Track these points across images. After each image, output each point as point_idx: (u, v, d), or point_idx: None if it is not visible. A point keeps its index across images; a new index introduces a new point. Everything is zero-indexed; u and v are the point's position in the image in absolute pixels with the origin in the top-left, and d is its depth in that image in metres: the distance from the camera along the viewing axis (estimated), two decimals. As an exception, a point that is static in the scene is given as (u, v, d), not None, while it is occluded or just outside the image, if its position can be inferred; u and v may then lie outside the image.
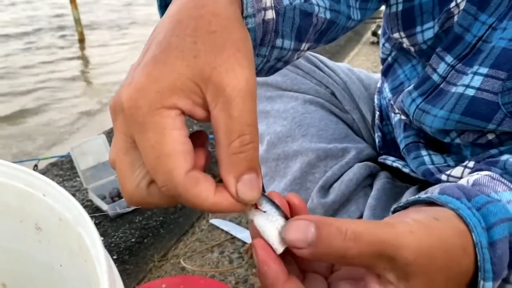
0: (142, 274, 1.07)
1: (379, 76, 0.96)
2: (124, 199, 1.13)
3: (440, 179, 0.67)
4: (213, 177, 0.33)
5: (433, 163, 0.71)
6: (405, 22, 0.67)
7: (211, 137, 0.34)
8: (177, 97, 0.31)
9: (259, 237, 0.34)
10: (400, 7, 0.66)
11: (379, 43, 0.87)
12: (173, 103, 0.31)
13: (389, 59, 0.80)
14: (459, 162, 0.66)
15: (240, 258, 1.09)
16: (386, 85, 0.79)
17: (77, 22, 6.91)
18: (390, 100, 0.79)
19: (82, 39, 7.00)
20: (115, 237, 1.18)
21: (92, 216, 1.26)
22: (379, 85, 0.94)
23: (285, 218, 0.34)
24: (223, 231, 1.20)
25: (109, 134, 1.77)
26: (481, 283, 0.35)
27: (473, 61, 0.58)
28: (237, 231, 1.17)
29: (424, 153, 0.73)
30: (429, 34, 0.64)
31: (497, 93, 0.54)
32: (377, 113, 0.90)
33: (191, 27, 0.34)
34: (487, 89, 0.55)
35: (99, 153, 1.28)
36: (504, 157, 0.54)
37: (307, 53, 0.99)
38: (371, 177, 0.83)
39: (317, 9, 0.57)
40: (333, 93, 0.95)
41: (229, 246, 1.14)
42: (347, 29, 0.65)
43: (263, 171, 0.95)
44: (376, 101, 0.92)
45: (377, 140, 0.90)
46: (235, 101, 0.31)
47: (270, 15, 0.49)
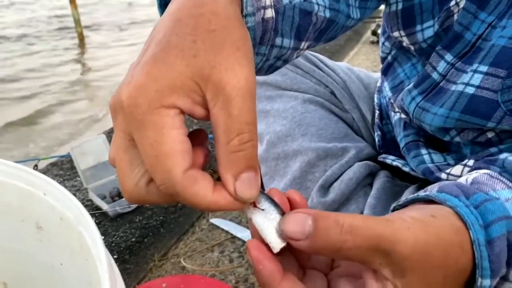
0: (142, 273, 1.07)
1: (378, 75, 0.96)
2: (124, 197, 1.13)
3: (440, 178, 0.67)
4: (214, 173, 0.33)
5: (433, 161, 0.71)
6: (405, 20, 0.67)
7: (211, 136, 0.35)
8: (177, 96, 0.31)
9: (257, 235, 0.34)
10: (400, 6, 0.66)
11: (379, 42, 0.87)
12: (172, 102, 0.31)
13: (389, 57, 0.80)
14: (458, 160, 0.66)
15: (240, 257, 1.09)
16: (386, 84, 0.79)
17: (77, 22, 6.91)
18: (390, 99, 0.79)
19: (82, 40, 7.00)
20: (116, 236, 1.18)
21: (92, 215, 1.26)
22: (379, 84, 0.94)
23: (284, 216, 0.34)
24: (223, 230, 1.20)
25: (109, 134, 1.77)
26: (479, 280, 0.35)
27: (472, 59, 0.58)
28: (237, 231, 1.18)
29: (424, 151, 0.73)
30: (429, 32, 0.64)
31: (497, 91, 0.54)
32: (377, 112, 0.90)
33: (190, 26, 0.33)
34: (487, 87, 0.55)
35: (99, 153, 1.28)
36: (503, 156, 0.54)
37: (306, 52, 0.99)
38: (371, 176, 0.83)
39: (316, 7, 0.57)
40: (332, 92, 0.95)
41: (229, 245, 1.14)
42: (347, 28, 0.65)
43: (262, 171, 0.95)
44: (376, 100, 0.92)
45: (377, 139, 0.90)
46: (234, 99, 0.31)
47: (269, 13, 0.49)
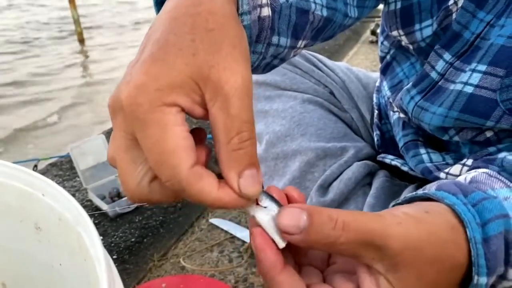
0: (142, 273, 1.07)
1: (377, 75, 0.96)
2: (125, 197, 1.13)
3: (438, 177, 0.67)
4: (213, 172, 0.33)
5: (431, 161, 0.71)
6: (403, 20, 0.67)
7: (210, 136, 0.35)
8: (177, 95, 0.31)
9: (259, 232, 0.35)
10: (398, 5, 0.67)
11: (378, 42, 0.87)
12: (173, 100, 0.31)
13: (388, 57, 0.80)
14: (457, 160, 0.67)
15: (239, 257, 1.10)
16: (385, 83, 0.80)
17: (77, 22, 6.90)
18: (389, 98, 0.79)
19: (81, 40, 6.99)
20: (115, 236, 1.18)
21: (92, 215, 1.26)
22: (377, 84, 0.94)
23: None
24: (222, 230, 1.20)
25: (108, 134, 1.77)
26: (475, 278, 0.35)
27: (471, 58, 0.58)
28: (237, 231, 1.18)
29: (422, 151, 0.73)
30: (428, 31, 0.64)
31: (496, 90, 0.54)
32: (376, 111, 0.90)
33: (188, 24, 0.34)
34: (486, 86, 0.55)
35: (98, 153, 1.28)
36: (501, 155, 0.54)
37: (306, 52, 1.00)
38: (370, 176, 0.84)
39: (313, 6, 0.57)
40: (331, 92, 0.96)
41: (229, 245, 1.14)
42: (344, 26, 0.65)
43: (262, 171, 0.95)
44: (374, 99, 0.92)
45: (375, 138, 0.90)
46: (232, 99, 0.31)
47: (266, 12, 0.49)
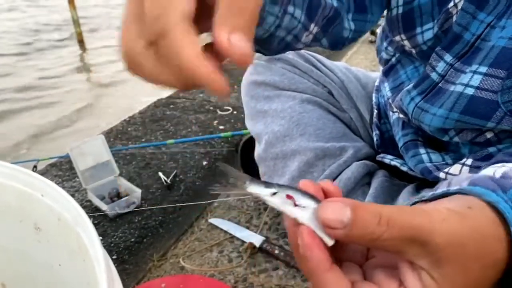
0: (141, 273, 1.07)
1: (377, 74, 0.96)
2: (125, 197, 1.12)
3: (438, 177, 0.67)
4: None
5: (431, 161, 0.71)
6: (405, 24, 0.67)
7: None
8: None
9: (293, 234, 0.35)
10: (400, 10, 0.67)
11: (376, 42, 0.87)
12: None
13: (393, 59, 0.80)
14: (457, 160, 0.67)
15: (239, 257, 1.10)
16: (386, 84, 0.80)
17: (76, 22, 6.90)
18: (389, 98, 0.79)
19: (81, 40, 6.99)
20: (115, 237, 1.18)
21: (91, 216, 1.26)
22: (377, 84, 0.94)
23: None
24: (222, 230, 1.20)
25: (107, 134, 1.77)
26: None
27: (471, 59, 0.59)
28: (236, 230, 1.18)
29: (422, 151, 0.73)
30: (429, 34, 0.65)
31: (497, 91, 0.55)
32: (375, 111, 0.90)
33: None
34: (486, 88, 0.55)
35: (98, 153, 1.28)
36: None
37: (305, 52, 1.00)
38: (369, 176, 0.84)
39: None
40: (330, 92, 0.96)
41: (228, 245, 1.14)
42: (348, 39, 0.68)
43: (261, 170, 0.95)
44: (374, 99, 0.92)
45: (375, 138, 0.90)
46: None
47: None
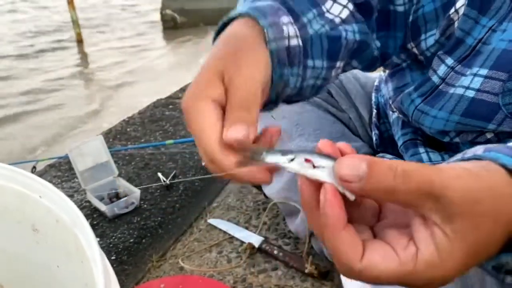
0: (140, 274, 1.07)
1: (376, 74, 0.96)
2: (124, 198, 1.12)
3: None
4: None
5: (430, 160, 0.71)
6: (413, 32, 0.68)
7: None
8: (207, 89, 0.42)
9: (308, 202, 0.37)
10: (410, 19, 0.68)
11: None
12: (206, 94, 0.42)
13: (404, 64, 0.80)
14: (456, 159, 0.67)
15: (238, 257, 1.10)
16: (390, 83, 0.79)
17: (75, 23, 6.90)
18: (390, 98, 0.79)
19: (80, 41, 6.99)
20: (114, 237, 1.18)
21: (90, 216, 1.26)
22: (376, 84, 0.94)
23: None
24: (221, 231, 1.20)
25: (106, 135, 1.77)
26: None
27: (472, 62, 0.59)
28: (235, 231, 1.18)
29: (421, 150, 0.73)
30: (431, 41, 0.66)
31: (498, 94, 0.55)
32: (375, 111, 0.90)
33: (225, 42, 0.49)
34: (487, 90, 0.56)
35: (97, 154, 1.28)
36: None
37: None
38: (368, 176, 0.84)
39: (344, 33, 0.60)
40: (329, 92, 0.96)
41: (227, 245, 1.14)
42: (379, 59, 0.70)
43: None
44: (373, 99, 0.92)
45: (374, 138, 0.90)
46: (237, 91, 0.41)
47: (295, 42, 0.53)
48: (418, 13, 0.66)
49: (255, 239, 1.12)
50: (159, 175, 1.42)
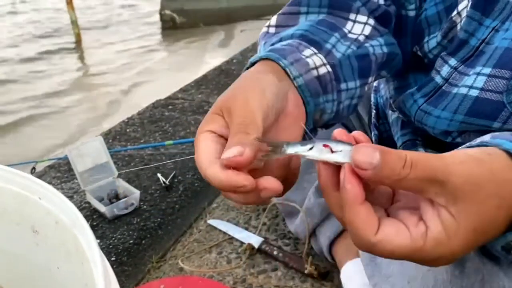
0: (140, 275, 1.07)
1: (375, 75, 0.96)
2: (124, 199, 1.13)
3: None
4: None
5: None
6: (417, 35, 0.69)
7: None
8: (208, 124, 0.45)
9: (326, 179, 0.40)
10: (414, 22, 0.69)
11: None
12: (206, 128, 0.45)
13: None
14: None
15: (238, 258, 1.10)
16: (391, 83, 0.79)
17: (74, 23, 6.90)
18: (391, 97, 0.79)
19: (79, 41, 6.99)
20: (113, 238, 1.18)
21: (90, 217, 1.26)
22: (375, 84, 0.94)
23: None
24: (221, 231, 1.20)
25: (106, 136, 1.77)
26: None
27: (475, 62, 0.59)
28: (235, 232, 1.18)
29: (421, 150, 0.74)
30: (433, 43, 0.66)
31: (502, 92, 0.55)
32: (374, 111, 0.90)
33: (238, 81, 0.50)
34: (491, 89, 0.56)
35: (96, 155, 1.28)
36: None
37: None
38: (367, 176, 0.84)
39: (371, 49, 0.62)
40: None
41: (227, 246, 1.14)
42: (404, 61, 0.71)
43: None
44: (372, 99, 0.92)
45: (373, 138, 0.90)
46: (234, 122, 0.43)
47: (323, 70, 0.55)
48: (421, 17, 0.67)
49: (255, 240, 1.12)
50: (159, 175, 1.42)
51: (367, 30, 0.63)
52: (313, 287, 0.99)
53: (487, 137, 0.42)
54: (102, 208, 1.23)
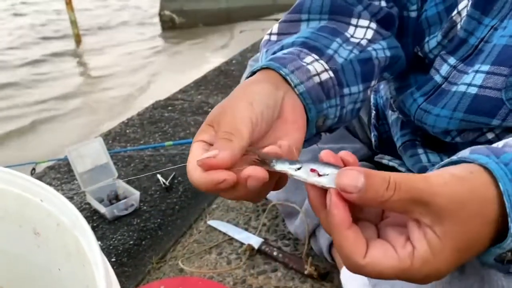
0: (140, 276, 1.07)
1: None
2: (123, 200, 1.12)
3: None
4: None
5: (429, 161, 0.72)
6: (417, 35, 0.69)
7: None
8: (199, 135, 0.47)
9: (317, 204, 0.41)
10: (415, 23, 0.69)
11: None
12: (198, 138, 0.47)
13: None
14: (455, 160, 0.67)
15: (238, 259, 1.10)
16: (391, 83, 0.80)
17: (73, 24, 6.90)
18: (391, 98, 0.79)
19: (78, 42, 6.99)
20: (114, 239, 1.18)
21: (90, 218, 1.26)
22: (375, 85, 0.94)
23: None
24: (221, 232, 1.20)
25: (106, 137, 1.77)
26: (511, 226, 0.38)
27: (474, 61, 0.60)
28: (235, 232, 1.18)
29: (420, 151, 0.74)
30: (433, 43, 0.67)
31: (501, 89, 0.55)
32: (373, 112, 0.91)
33: (233, 93, 0.51)
34: (490, 86, 0.56)
35: (96, 156, 1.28)
36: None
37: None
38: (367, 177, 0.84)
39: (374, 53, 0.62)
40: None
41: (227, 247, 1.14)
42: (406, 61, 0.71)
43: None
44: (372, 100, 0.92)
45: (373, 139, 0.90)
46: (221, 126, 0.46)
47: (326, 76, 0.55)
48: (421, 17, 0.67)
49: (255, 241, 1.12)
50: (159, 176, 1.42)
51: (370, 34, 0.64)
52: (313, 288, 1.00)
53: (466, 152, 0.43)
54: (102, 209, 1.23)
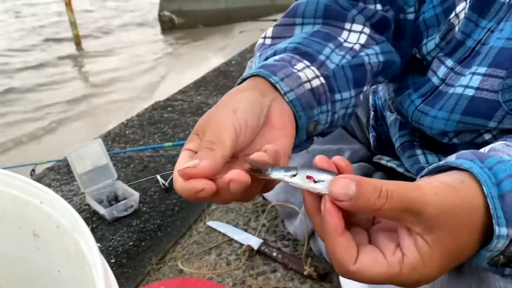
0: (140, 277, 1.07)
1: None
2: (123, 201, 1.12)
3: (434, 177, 0.67)
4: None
5: (427, 161, 0.72)
6: (415, 38, 0.70)
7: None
8: (187, 144, 0.48)
9: (313, 210, 0.42)
10: (413, 25, 0.69)
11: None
12: (185, 147, 0.48)
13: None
14: (453, 160, 0.67)
15: (237, 260, 1.10)
16: (390, 85, 0.80)
17: (73, 25, 6.90)
18: (390, 99, 0.79)
19: (78, 43, 6.99)
20: (113, 240, 1.18)
21: (90, 219, 1.26)
22: (374, 86, 0.94)
23: None
24: (220, 233, 1.20)
25: (105, 138, 1.78)
26: (497, 229, 0.39)
27: (471, 63, 0.60)
28: (234, 233, 1.18)
29: (418, 152, 0.74)
30: (431, 45, 0.67)
31: (497, 91, 0.55)
32: (372, 113, 0.91)
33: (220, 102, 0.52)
34: (487, 88, 0.56)
35: (96, 157, 1.28)
36: None
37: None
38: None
39: (367, 58, 0.62)
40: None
41: (227, 248, 1.15)
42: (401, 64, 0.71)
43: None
44: (371, 101, 0.92)
45: (372, 140, 0.91)
46: (206, 135, 0.46)
47: (317, 82, 0.56)
48: (419, 19, 0.67)
49: (254, 241, 1.12)
50: (158, 177, 1.43)
51: (363, 38, 0.64)
52: (312, 288, 1.00)
53: (452, 157, 0.44)
54: (101, 210, 1.24)
